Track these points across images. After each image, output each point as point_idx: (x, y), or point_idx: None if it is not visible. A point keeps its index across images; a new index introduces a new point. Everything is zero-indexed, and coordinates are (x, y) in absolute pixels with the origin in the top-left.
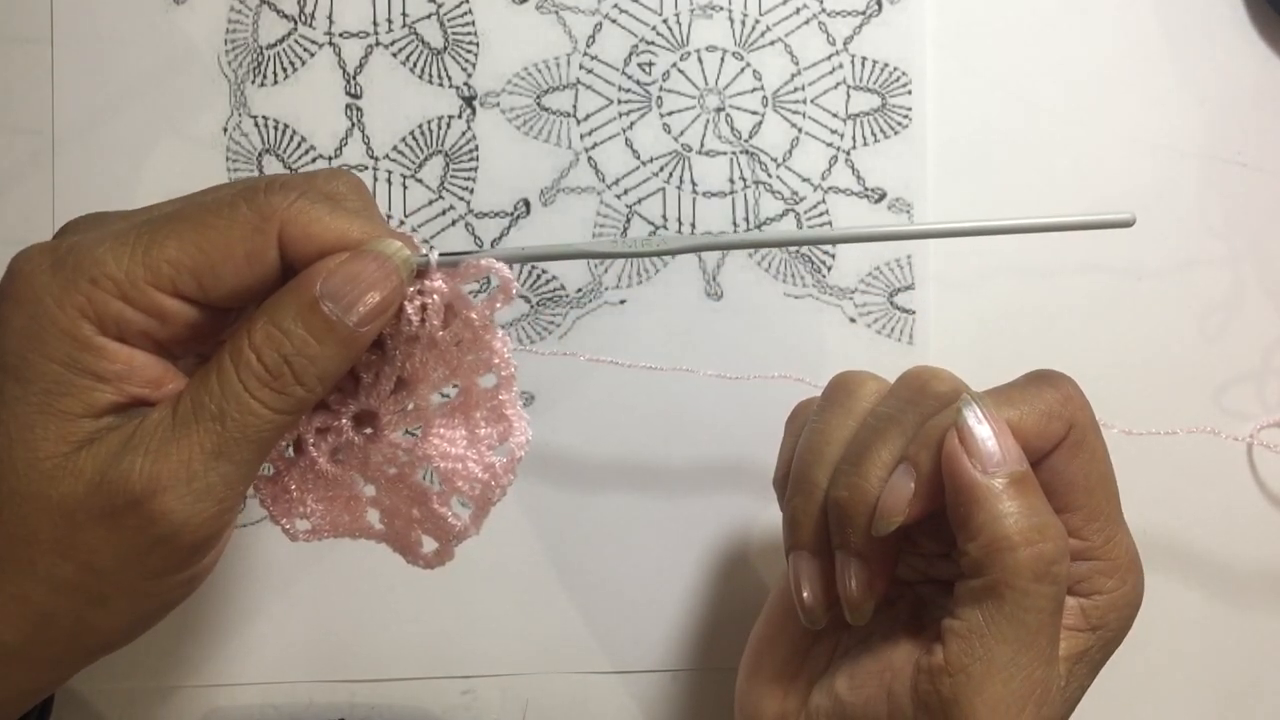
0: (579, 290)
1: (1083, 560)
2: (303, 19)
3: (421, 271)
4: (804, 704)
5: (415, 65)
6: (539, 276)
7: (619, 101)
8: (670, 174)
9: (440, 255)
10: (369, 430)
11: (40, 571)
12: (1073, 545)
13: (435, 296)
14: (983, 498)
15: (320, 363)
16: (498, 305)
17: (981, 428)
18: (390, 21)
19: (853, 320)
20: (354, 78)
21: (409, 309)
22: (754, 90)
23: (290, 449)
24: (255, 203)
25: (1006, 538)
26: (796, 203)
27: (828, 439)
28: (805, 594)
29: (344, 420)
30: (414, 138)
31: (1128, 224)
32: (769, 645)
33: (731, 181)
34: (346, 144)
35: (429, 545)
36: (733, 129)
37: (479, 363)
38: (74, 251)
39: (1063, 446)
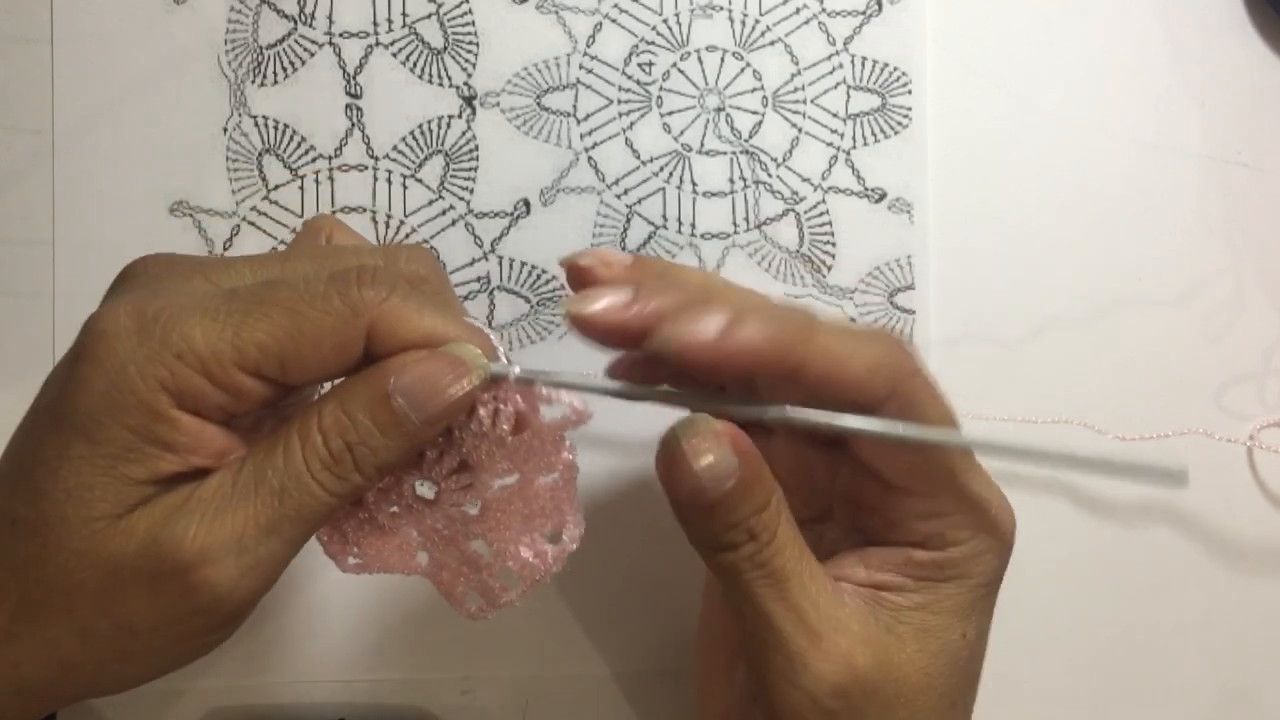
0: None
1: (933, 518)
2: (303, 19)
3: (496, 377)
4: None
5: (415, 65)
6: (539, 277)
7: (619, 101)
8: (670, 174)
9: (519, 372)
10: (428, 497)
11: (76, 622)
12: (919, 505)
13: (508, 404)
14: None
15: (381, 454)
16: (569, 428)
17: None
18: (390, 21)
19: (853, 320)
20: (354, 78)
21: (482, 412)
22: (754, 90)
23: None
24: (349, 298)
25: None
26: (796, 202)
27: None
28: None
29: (405, 488)
30: (414, 137)
31: (1180, 479)
32: (720, 638)
33: (731, 181)
34: (346, 144)
35: (474, 601)
36: (733, 129)
37: (543, 465)
38: (160, 321)
39: (888, 409)
